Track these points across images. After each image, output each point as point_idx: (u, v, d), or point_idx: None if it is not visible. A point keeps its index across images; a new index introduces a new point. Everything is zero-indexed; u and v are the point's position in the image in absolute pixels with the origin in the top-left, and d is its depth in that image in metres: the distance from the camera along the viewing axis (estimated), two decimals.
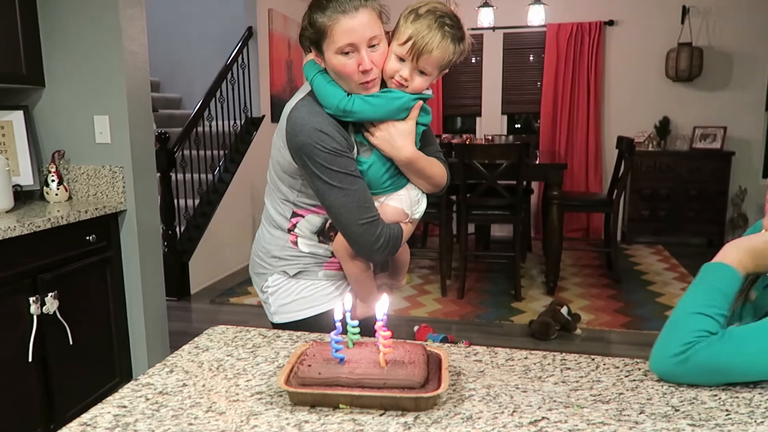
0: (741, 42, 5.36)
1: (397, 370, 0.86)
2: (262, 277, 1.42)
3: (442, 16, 1.21)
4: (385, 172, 1.29)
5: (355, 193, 1.24)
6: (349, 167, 1.23)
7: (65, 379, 2.25)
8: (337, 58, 1.19)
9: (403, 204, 1.33)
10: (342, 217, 1.24)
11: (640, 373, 0.94)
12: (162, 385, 0.92)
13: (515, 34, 5.79)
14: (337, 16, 1.16)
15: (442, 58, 1.23)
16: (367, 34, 1.17)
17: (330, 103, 1.22)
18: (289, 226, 1.36)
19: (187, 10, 5.84)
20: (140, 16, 2.53)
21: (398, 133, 1.25)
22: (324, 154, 1.20)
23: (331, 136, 1.21)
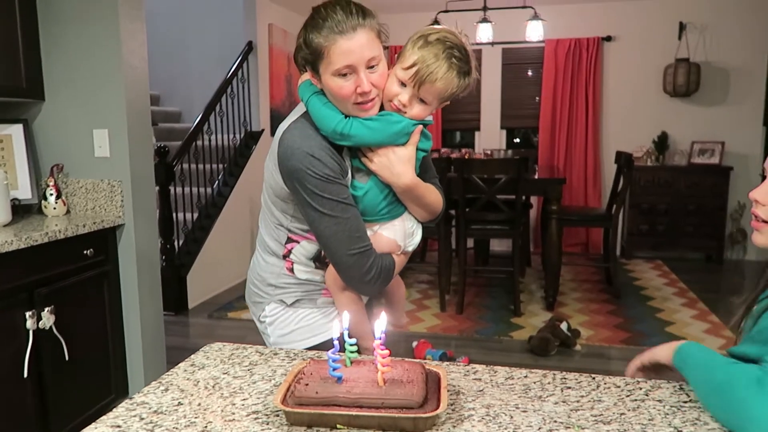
0: (737, 57, 5.40)
1: (395, 389, 0.85)
2: (259, 306, 1.37)
3: (452, 47, 1.17)
4: (382, 199, 1.25)
5: (347, 222, 1.19)
6: (340, 194, 1.19)
7: (61, 395, 2.23)
8: (334, 80, 1.15)
9: (396, 235, 1.29)
10: (332, 247, 1.20)
11: (642, 393, 0.93)
12: (157, 404, 0.90)
13: (514, 49, 5.83)
14: (334, 37, 1.11)
15: (445, 90, 1.19)
16: (365, 56, 1.13)
17: (327, 126, 1.18)
18: (284, 252, 1.31)
19: (188, 25, 5.88)
20: (141, 30, 2.54)
21: (398, 159, 1.21)
22: (315, 180, 1.16)
23: (322, 161, 1.16)
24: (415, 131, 1.22)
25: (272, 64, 5.14)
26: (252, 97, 5.03)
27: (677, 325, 3.75)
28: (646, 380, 0.97)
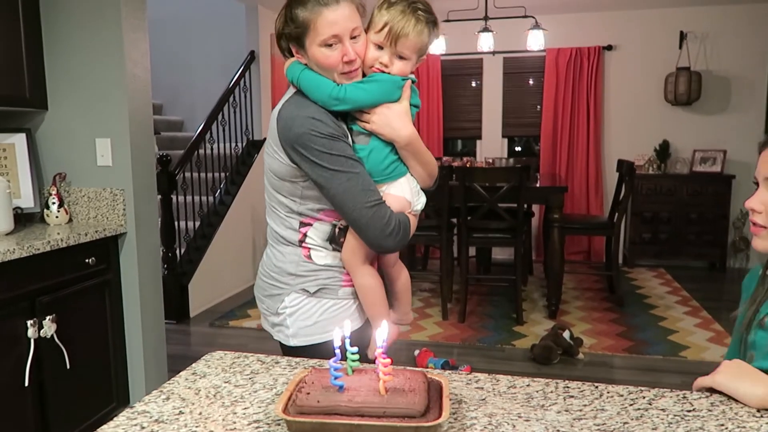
0: (738, 66, 5.41)
1: (397, 398, 0.84)
2: (277, 299, 1.35)
3: (414, 2, 1.24)
4: (385, 157, 1.27)
5: (358, 177, 1.22)
6: (347, 151, 1.22)
7: (62, 404, 2.22)
8: (321, 51, 1.20)
9: (404, 192, 1.31)
10: (349, 203, 1.21)
11: (645, 402, 0.92)
12: (158, 413, 0.90)
13: (515, 58, 5.84)
14: (319, 9, 1.18)
15: (419, 42, 1.25)
16: (349, 26, 1.19)
17: (322, 92, 1.22)
18: (299, 237, 1.31)
19: (190, 35, 5.91)
20: (143, 39, 2.56)
21: (395, 114, 1.25)
22: (321, 139, 1.19)
23: (324, 122, 1.20)
24: (405, 85, 1.27)
25: (274, 73, 5.17)
26: (254, 106, 5.06)
27: (680, 334, 3.74)
28: (650, 389, 0.97)
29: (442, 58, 5.84)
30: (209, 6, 5.67)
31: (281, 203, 1.31)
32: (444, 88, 5.97)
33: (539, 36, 4.61)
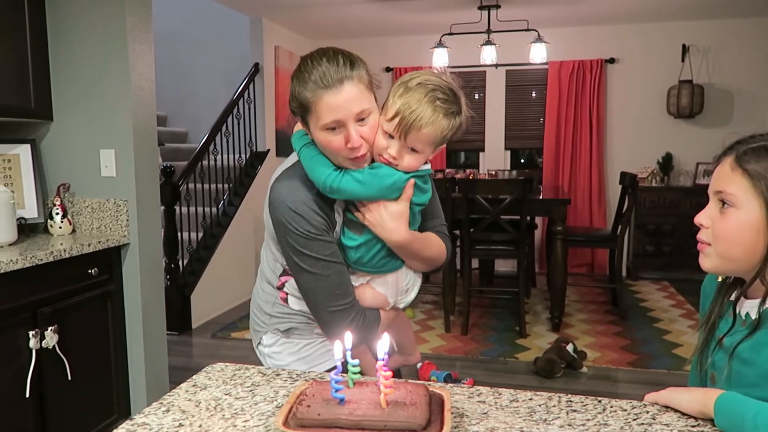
0: (741, 79, 5.42)
1: (398, 411, 0.84)
2: (258, 335, 1.38)
3: (435, 90, 1.11)
4: (376, 252, 1.21)
5: (327, 279, 1.16)
6: (321, 252, 1.15)
7: (62, 415, 2.21)
8: (322, 135, 1.11)
9: (388, 291, 1.25)
10: (311, 301, 1.20)
11: (649, 417, 0.91)
12: (158, 426, 0.89)
13: (518, 71, 5.87)
14: (319, 92, 1.08)
15: (434, 135, 1.13)
16: (354, 110, 1.08)
17: (316, 180, 1.14)
18: (278, 284, 1.30)
19: (195, 46, 5.96)
20: (149, 51, 2.58)
21: (389, 215, 1.16)
22: (296, 236, 1.14)
23: (304, 217, 1.14)
24: (407, 186, 1.17)
25: (278, 85, 5.20)
26: (258, 117, 5.08)
27: (685, 348, 3.71)
28: (653, 404, 0.96)
29: None
30: (214, 18, 5.72)
31: (270, 249, 1.30)
32: None
33: (542, 49, 4.63)
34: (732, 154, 0.98)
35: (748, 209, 0.93)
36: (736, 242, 0.95)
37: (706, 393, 0.90)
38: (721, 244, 0.97)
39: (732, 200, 0.95)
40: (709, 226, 0.99)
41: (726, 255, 0.96)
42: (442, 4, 4.76)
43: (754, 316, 0.95)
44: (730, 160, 0.97)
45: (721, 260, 0.97)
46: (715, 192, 0.99)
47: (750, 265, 0.95)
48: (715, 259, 0.98)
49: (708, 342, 1.04)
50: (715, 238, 0.97)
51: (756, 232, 0.93)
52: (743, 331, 0.96)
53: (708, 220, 0.99)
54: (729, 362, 0.96)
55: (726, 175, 0.97)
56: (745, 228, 0.94)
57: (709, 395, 0.89)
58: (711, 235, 0.98)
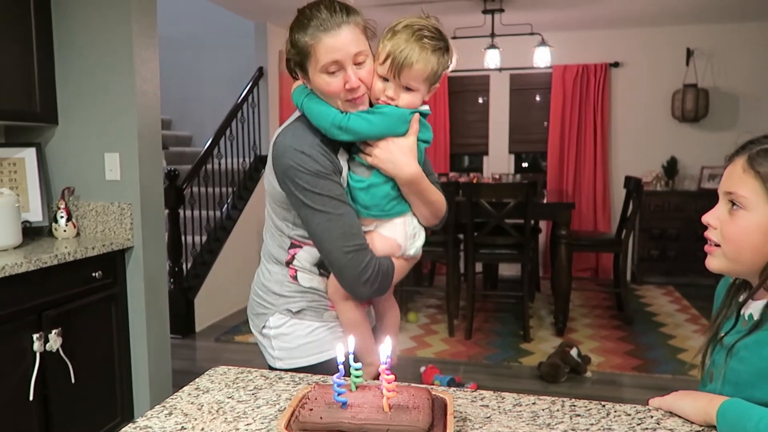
0: (746, 83, 5.40)
1: (400, 415, 0.84)
2: (263, 318, 1.34)
3: (420, 29, 1.18)
4: (385, 194, 1.22)
5: (340, 218, 1.18)
6: (333, 191, 1.18)
7: (66, 418, 2.21)
8: (321, 78, 1.16)
9: (397, 234, 1.25)
10: (325, 245, 1.19)
11: (653, 421, 0.91)
12: (160, 428, 0.89)
13: (522, 75, 5.86)
14: (318, 35, 1.13)
15: (425, 71, 1.18)
16: (351, 51, 1.14)
17: (325, 121, 1.17)
18: (287, 258, 1.29)
19: (200, 51, 5.98)
20: (154, 57, 2.59)
21: (399, 150, 1.19)
22: (305, 175, 1.16)
23: (312, 157, 1.17)
24: (413, 119, 1.21)
25: (282, 89, 5.21)
26: (262, 122, 5.09)
27: (690, 352, 3.69)
28: (657, 408, 0.95)
29: (448, 75, 5.86)
30: (219, 23, 5.74)
31: (275, 225, 1.30)
32: (451, 105, 6.00)
33: (546, 53, 4.63)
34: (744, 154, 0.97)
35: (759, 212, 0.93)
36: (745, 245, 0.94)
37: (711, 401, 0.89)
38: (730, 246, 0.96)
39: (743, 202, 0.94)
40: (717, 227, 0.98)
41: (734, 257, 0.96)
42: (445, 8, 4.77)
43: (756, 317, 0.95)
44: (743, 161, 0.96)
45: (729, 262, 0.97)
46: (726, 193, 0.98)
47: (757, 267, 0.94)
48: (723, 261, 0.98)
49: (712, 342, 1.04)
50: (724, 240, 0.97)
51: (765, 235, 0.92)
52: (743, 330, 0.96)
53: (716, 221, 0.98)
54: (726, 360, 0.95)
55: (738, 176, 0.96)
56: (755, 231, 0.93)
57: (713, 403, 0.88)
58: (720, 236, 0.97)
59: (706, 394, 0.94)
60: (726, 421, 0.85)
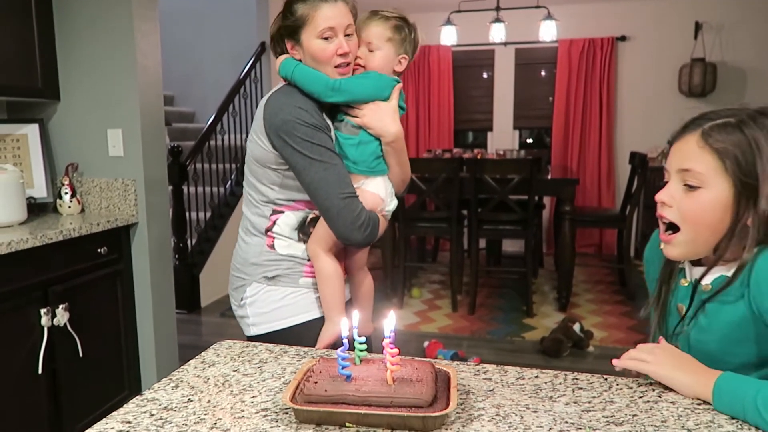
0: (755, 58, 5.32)
1: (404, 388, 0.84)
2: (241, 290, 1.39)
3: (380, 10, 1.35)
4: (372, 150, 1.34)
5: (335, 168, 1.27)
6: (327, 143, 1.28)
7: (74, 392, 2.25)
8: (317, 43, 1.28)
9: (380, 190, 1.35)
10: (322, 191, 1.26)
11: (655, 394, 0.92)
12: (167, 401, 0.91)
13: (527, 49, 5.79)
14: (318, 4, 1.27)
15: (380, 31, 1.33)
16: (344, 22, 1.28)
17: (320, 83, 1.28)
18: (268, 225, 1.35)
19: (201, 26, 5.92)
20: (154, 31, 2.56)
21: (385, 111, 1.32)
22: (304, 128, 1.25)
23: (309, 112, 1.27)
24: (396, 87, 1.35)
25: None
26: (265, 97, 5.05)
27: None
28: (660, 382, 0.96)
29: (453, 49, 5.80)
30: None
31: (258, 191, 1.36)
32: (455, 80, 5.94)
33: (552, 27, 4.56)
34: (697, 130, 0.95)
35: (716, 188, 0.92)
36: (706, 223, 0.93)
37: (705, 375, 0.88)
38: (689, 224, 0.95)
39: (700, 179, 0.93)
40: (672, 205, 0.96)
41: (693, 238, 0.95)
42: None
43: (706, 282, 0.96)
44: (696, 137, 0.94)
45: (688, 245, 0.96)
46: (680, 170, 0.96)
47: (712, 245, 0.94)
48: (683, 247, 0.97)
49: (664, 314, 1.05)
50: (683, 220, 0.95)
51: (723, 211, 0.92)
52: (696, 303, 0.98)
53: (671, 198, 0.97)
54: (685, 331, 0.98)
55: (693, 152, 0.94)
56: (714, 207, 0.92)
57: (706, 380, 0.87)
58: (676, 215, 0.96)
59: (695, 365, 0.92)
60: (722, 400, 0.85)
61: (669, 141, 1.01)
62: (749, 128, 0.92)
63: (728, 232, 0.93)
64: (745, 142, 0.91)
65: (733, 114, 0.95)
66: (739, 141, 0.92)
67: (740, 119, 0.94)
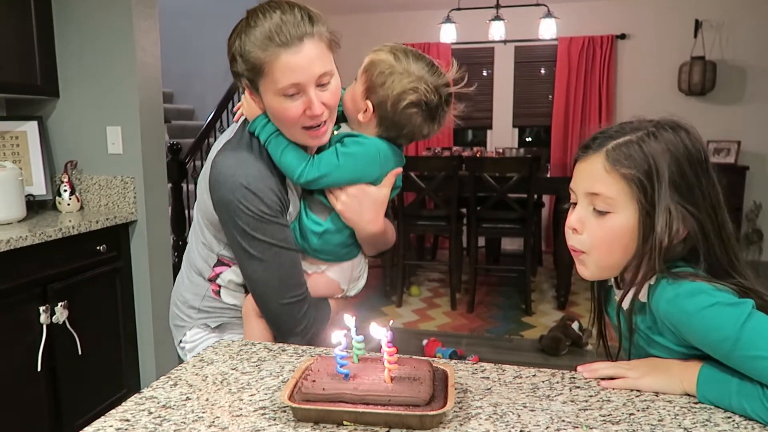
0: (755, 56, 5.33)
1: (402, 386, 0.85)
2: (180, 330, 1.23)
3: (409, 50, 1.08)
4: (340, 241, 1.12)
5: (279, 268, 1.05)
6: (276, 235, 1.04)
7: (73, 389, 2.25)
8: (277, 101, 0.98)
9: (342, 277, 1.16)
10: (260, 293, 1.08)
11: (651, 393, 0.92)
12: (165, 399, 0.91)
13: (526, 47, 5.79)
14: (276, 51, 0.94)
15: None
16: (315, 72, 0.97)
17: (289, 172, 1.05)
18: (210, 275, 1.16)
19: (201, 22, 5.91)
20: (154, 28, 2.56)
21: (370, 203, 1.07)
22: (247, 217, 1.01)
23: (259, 196, 1.01)
24: (390, 174, 1.09)
25: None
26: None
27: None
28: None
29: (452, 47, 5.79)
30: None
31: (204, 235, 1.15)
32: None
33: (551, 24, 4.56)
34: (601, 151, 0.90)
35: (627, 212, 0.88)
36: (616, 248, 0.90)
37: (684, 371, 0.88)
38: (600, 251, 0.91)
39: (610, 204, 0.89)
40: (583, 232, 0.92)
41: (605, 263, 0.92)
42: None
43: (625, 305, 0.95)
44: (602, 160, 0.90)
45: (601, 269, 0.94)
46: (588, 194, 0.92)
47: (624, 266, 0.92)
48: (594, 269, 0.94)
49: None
50: (592, 246, 0.91)
51: (631, 237, 0.89)
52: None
53: (581, 225, 0.92)
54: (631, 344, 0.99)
55: (600, 175, 0.89)
56: (626, 233, 0.89)
57: (688, 376, 0.88)
58: (587, 244, 0.92)
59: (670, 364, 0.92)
60: (707, 396, 0.86)
61: (573, 162, 0.96)
62: (650, 146, 0.88)
63: (635, 257, 0.89)
64: (646, 163, 0.87)
65: (634, 129, 0.91)
66: (641, 162, 0.87)
67: (640, 137, 0.90)
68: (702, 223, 0.89)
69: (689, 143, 0.91)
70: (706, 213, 0.90)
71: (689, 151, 0.90)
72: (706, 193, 0.91)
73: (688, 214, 0.88)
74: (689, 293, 0.84)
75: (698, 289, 0.84)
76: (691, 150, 0.90)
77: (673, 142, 0.89)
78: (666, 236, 0.86)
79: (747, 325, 0.79)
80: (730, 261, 0.90)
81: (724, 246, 0.90)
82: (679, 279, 0.86)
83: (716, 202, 0.92)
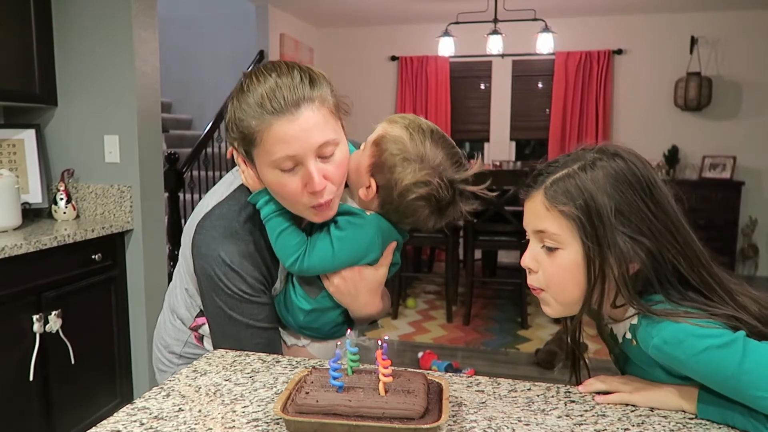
0: (750, 71, 5.37)
1: (396, 399, 0.84)
2: (164, 375, 1.18)
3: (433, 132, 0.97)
4: (327, 321, 1.06)
5: (254, 347, 1.00)
6: (254, 315, 0.97)
7: (66, 399, 2.23)
8: (272, 174, 0.88)
9: (323, 355, 1.13)
10: None
11: (647, 409, 0.91)
12: (158, 410, 0.90)
13: (524, 61, 5.83)
14: (268, 119, 0.84)
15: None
16: (314, 141, 0.86)
17: (283, 260, 0.97)
18: (192, 325, 1.10)
19: (200, 33, 5.94)
20: (153, 38, 2.57)
21: (365, 287, 0.99)
22: (226, 296, 0.96)
23: (241, 275, 0.94)
24: (387, 250, 1.01)
25: None
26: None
27: None
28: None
29: (450, 60, 5.83)
30: (219, 5, 5.70)
31: (188, 285, 1.08)
32: (452, 90, 5.97)
33: (549, 39, 4.60)
34: (540, 188, 0.90)
35: (573, 247, 0.88)
36: (569, 284, 0.89)
37: (682, 387, 0.88)
38: (557, 288, 0.91)
39: (557, 240, 0.89)
40: (537, 270, 0.92)
41: (563, 299, 0.92)
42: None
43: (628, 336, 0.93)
44: (542, 197, 0.89)
45: (561, 306, 0.93)
46: (535, 231, 0.92)
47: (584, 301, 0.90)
48: (556, 306, 0.93)
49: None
50: (548, 284, 0.91)
51: (583, 269, 0.88)
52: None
53: (536, 263, 0.92)
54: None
55: (542, 213, 0.89)
56: (575, 267, 0.88)
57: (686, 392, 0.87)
58: (542, 281, 0.91)
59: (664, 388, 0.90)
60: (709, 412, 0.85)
61: (522, 194, 0.95)
62: (585, 179, 0.86)
63: (587, 294, 0.89)
64: (581, 197, 0.85)
65: (572, 161, 0.90)
66: (576, 196, 0.86)
67: (575, 170, 0.88)
68: (660, 249, 0.86)
69: (630, 169, 0.87)
70: (664, 238, 0.87)
71: (630, 177, 0.87)
72: (659, 216, 0.88)
73: (640, 243, 0.85)
74: (676, 341, 0.82)
75: (683, 334, 0.81)
76: (633, 176, 0.87)
77: (612, 171, 0.87)
78: (624, 271, 0.85)
79: (743, 366, 0.78)
80: (702, 279, 0.88)
81: (692, 265, 0.88)
82: (657, 318, 0.84)
83: (674, 224, 0.89)
